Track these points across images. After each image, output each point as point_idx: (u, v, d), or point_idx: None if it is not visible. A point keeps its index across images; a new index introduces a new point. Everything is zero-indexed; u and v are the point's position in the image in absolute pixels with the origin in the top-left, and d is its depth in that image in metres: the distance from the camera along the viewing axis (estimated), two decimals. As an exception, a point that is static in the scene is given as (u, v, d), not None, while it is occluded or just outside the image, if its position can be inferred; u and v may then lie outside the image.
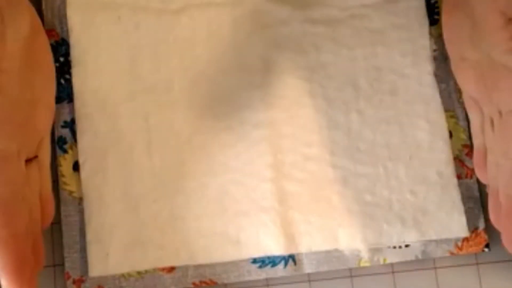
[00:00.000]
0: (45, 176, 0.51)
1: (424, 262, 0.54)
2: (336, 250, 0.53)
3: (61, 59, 0.55)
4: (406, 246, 0.53)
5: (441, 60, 0.55)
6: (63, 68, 0.55)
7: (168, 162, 0.54)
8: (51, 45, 0.55)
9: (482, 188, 0.54)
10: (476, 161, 0.53)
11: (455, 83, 0.55)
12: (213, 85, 0.55)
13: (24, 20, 0.50)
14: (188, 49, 0.55)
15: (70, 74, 0.55)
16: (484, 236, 0.53)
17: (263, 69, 0.55)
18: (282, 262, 0.53)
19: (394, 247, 0.53)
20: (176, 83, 0.55)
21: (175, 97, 0.55)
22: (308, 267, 0.53)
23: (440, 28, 0.55)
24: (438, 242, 0.53)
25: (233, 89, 0.55)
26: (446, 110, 0.55)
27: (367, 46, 0.55)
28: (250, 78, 0.55)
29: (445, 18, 0.53)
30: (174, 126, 0.54)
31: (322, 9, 0.56)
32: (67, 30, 0.55)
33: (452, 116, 0.55)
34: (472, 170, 0.54)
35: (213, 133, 0.54)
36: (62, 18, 0.55)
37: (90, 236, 0.52)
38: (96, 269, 0.52)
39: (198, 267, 0.53)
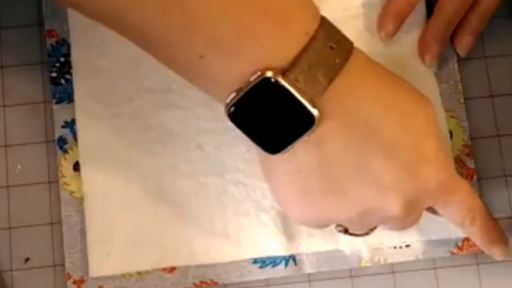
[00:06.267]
0: None
1: (424, 262, 0.54)
2: (337, 250, 0.53)
3: (61, 59, 0.55)
4: (407, 246, 0.53)
5: (442, 60, 0.55)
6: (63, 68, 0.55)
7: (168, 162, 0.54)
8: (51, 45, 0.55)
9: (482, 188, 0.54)
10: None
11: (456, 83, 0.55)
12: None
13: None
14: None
15: (70, 74, 0.55)
16: (484, 236, 0.53)
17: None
18: (283, 262, 0.53)
19: (395, 247, 0.53)
20: (176, 83, 0.55)
21: (175, 97, 0.54)
22: (309, 267, 0.53)
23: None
24: (438, 242, 0.53)
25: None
26: (447, 110, 0.55)
27: (367, 47, 0.55)
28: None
29: None
30: (174, 126, 0.54)
31: (321, 10, 0.56)
32: (67, 30, 0.55)
33: (452, 116, 0.55)
34: (473, 170, 0.54)
35: (213, 133, 0.54)
36: (63, 18, 0.55)
37: (90, 236, 0.52)
38: (97, 269, 0.52)
39: (198, 267, 0.53)
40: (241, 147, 0.54)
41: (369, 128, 0.44)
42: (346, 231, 0.49)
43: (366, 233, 0.49)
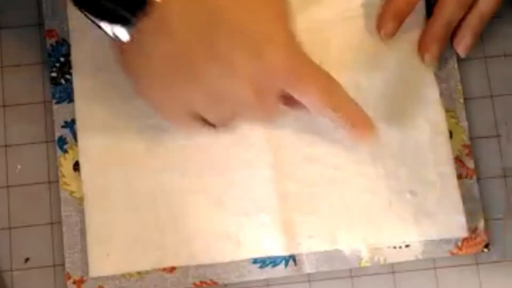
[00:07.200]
0: None
1: (424, 262, 0.54)
2: (337, 250, 0.53)
3: (61, 59, 0.55)
4: (406, 246, 0.53)
5: (442, 60, 0.55)
6: (63, 68, 0.55)
7: (168, 162, 0.54)
8: (51, 45, 0.55)
9: (482, 188, 0.54)
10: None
11: (456, 83, 0.55)
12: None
13: None
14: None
15: (70, 74, 0.55)
16: (483, 236, 0.53)
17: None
18: (283, 263, 0.53)
19: (394, 247, 0.53)
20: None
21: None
22: (308, 267, 0.53)
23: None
24: (438, 242, 0.53)
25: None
26: (447, 110, 0.55)
27: (367, 47, 0.55)
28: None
29: None
30: (173, 126, 0.54)
31: (321, 10, 0.56)
32: (67, 30, 0.55)
33: (452, 116, 0.55)
34: (472, 170, 0.54)
35: (213, 133, 0.54)
36: (63, 18, 0.55)
37: (90, 236, 0.52)
38: (97, 269, 0.52)
39: (198, 267, 0.53)
40: (241, 147, 0.54)
41: (213, 9, 0.44)
42: (210, 124, 0.49)
43: (225, 123, 0.50)
